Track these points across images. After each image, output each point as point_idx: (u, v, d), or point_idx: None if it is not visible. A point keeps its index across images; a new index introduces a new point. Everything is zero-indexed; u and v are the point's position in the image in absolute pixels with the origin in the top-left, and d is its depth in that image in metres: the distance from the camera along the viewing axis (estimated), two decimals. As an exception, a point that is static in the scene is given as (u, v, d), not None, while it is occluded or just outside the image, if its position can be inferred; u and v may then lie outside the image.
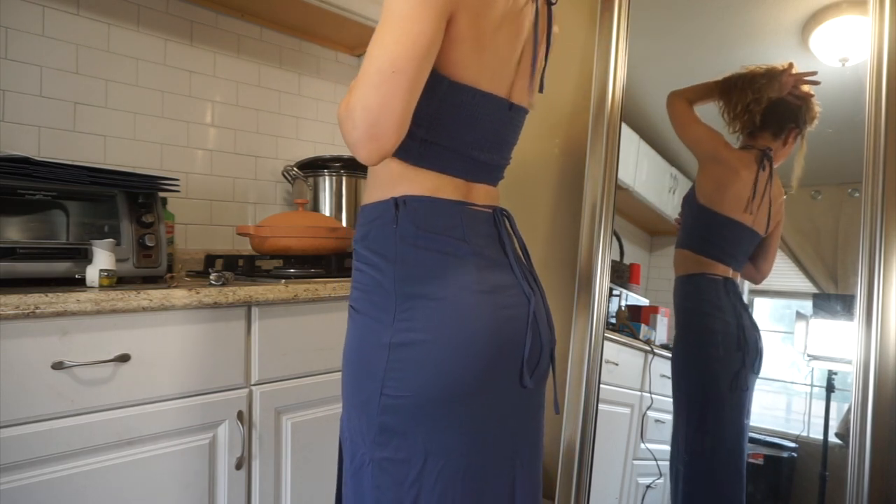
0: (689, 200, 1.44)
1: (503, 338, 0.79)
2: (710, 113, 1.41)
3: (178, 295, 1.08)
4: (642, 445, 1.47)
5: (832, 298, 1.25)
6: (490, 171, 0.87)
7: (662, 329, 1.50)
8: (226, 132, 1.82)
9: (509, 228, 0.87)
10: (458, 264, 0.78)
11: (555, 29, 0.93)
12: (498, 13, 0.78)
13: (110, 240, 1.14)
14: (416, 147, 0.80)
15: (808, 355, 1.27)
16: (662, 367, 1.48)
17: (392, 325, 0.77)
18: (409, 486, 0.77)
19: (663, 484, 1.44)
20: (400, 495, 0.77)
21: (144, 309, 1.05)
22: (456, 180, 0.83)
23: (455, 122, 0.80)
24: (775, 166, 1.34)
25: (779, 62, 1.32)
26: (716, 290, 1.39)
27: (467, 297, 0.77)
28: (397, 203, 0.79)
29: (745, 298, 1.38)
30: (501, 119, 0.85)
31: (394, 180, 0.82)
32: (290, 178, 1.89)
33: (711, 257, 1.40)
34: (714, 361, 1.39)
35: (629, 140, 1.53)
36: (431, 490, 0.77)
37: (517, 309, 0.81)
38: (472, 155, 0.83)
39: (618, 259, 1.55)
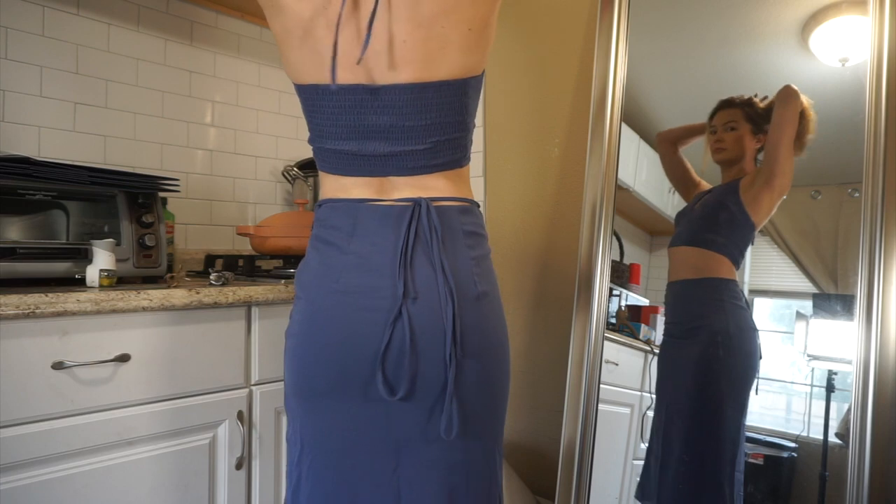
0: (734, 209, 1.38)
1: (358, 340, 0.78)
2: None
3: (178, 295, 1.08)
4: (642, 445, 1.47)
5: (832, 298, 1.25)
6: (389, 162, 0.80)
7: (662, 329, 1.50)
8: (226, 132, 1.82)
9: (427, 222, 0.79)
10: (332, 264, 0.80)
11: None
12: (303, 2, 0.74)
13: (110, 240, 1.14)
14: (315, 154, 0.86)
15: (808, 355, 1.27)
16: (662, 367, 1.48)
17: (290, 319, 0.86)
18: (296, 465, 0.84)
19: (663, 484, 1.44)
20: (291, 470, 0.85)
21: (144, 309, 1.05)
22: (360, 179, 0.81)
23: (317, 122, 0.82)
24: None
25: (779, 62, 1.32)
26: (743, 300, 1.38)
27: (325, 298, 0.79)
28: (315, 208, 0.87)
29: (744, 300, 1.38)
30: (359, 106, 0.78)
31: (321, 187, 0.88)
32: (290, 178, 1.89)
33: (738, 267, 1.38)
34: (749, 368, 1.36)
35: (629, 140, 1.53)
36: (307, 477, 0.82)
37: (380, 313, 0.77)
38: (351, 151, 0.80)
39: (618, 259, 1.55)
